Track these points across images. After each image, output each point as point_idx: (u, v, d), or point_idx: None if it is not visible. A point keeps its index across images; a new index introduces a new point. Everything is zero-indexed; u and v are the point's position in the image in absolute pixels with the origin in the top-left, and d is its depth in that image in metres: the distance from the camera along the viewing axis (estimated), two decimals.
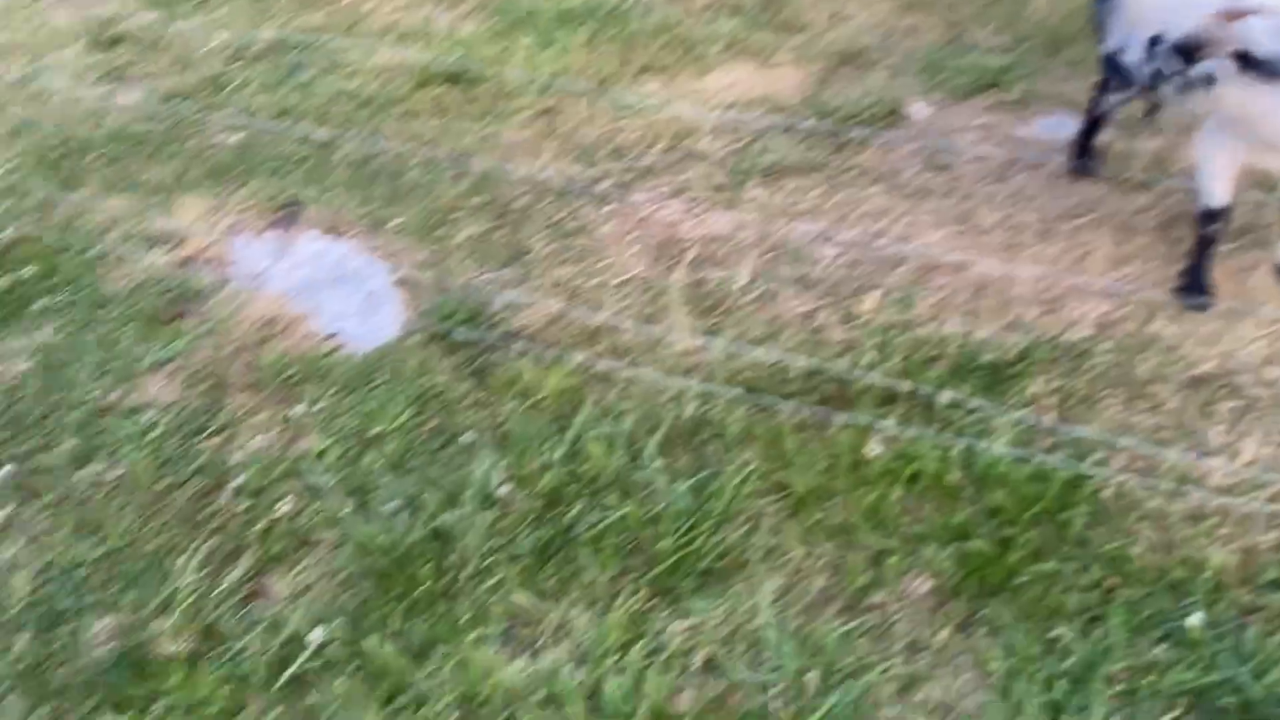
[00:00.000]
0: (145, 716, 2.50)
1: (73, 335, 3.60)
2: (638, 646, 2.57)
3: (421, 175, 4.40)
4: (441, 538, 2.85)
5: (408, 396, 3.31)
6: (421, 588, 2.73)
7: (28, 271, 3.85)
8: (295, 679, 2.55)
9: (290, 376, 3.41)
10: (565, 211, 4.18)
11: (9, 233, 4.04)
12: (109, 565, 2.84)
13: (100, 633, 2.69)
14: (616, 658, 2.54)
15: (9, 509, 2.99)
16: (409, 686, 2.52)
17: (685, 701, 2.46)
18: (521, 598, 2.71)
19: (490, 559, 2.79)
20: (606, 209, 4.18)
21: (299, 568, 2.83)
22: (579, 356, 3.44)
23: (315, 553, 2.86)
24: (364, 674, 2.56)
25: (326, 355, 3.50)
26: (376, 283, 3.83)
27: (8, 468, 3.12)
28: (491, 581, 2.74)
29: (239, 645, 2.63)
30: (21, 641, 2.67)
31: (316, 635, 2.63)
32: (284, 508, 2.97)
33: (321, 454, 3.12)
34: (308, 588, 2.78)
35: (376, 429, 3.20)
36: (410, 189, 4.32)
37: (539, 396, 3.30)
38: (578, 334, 3.56)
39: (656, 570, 2.75)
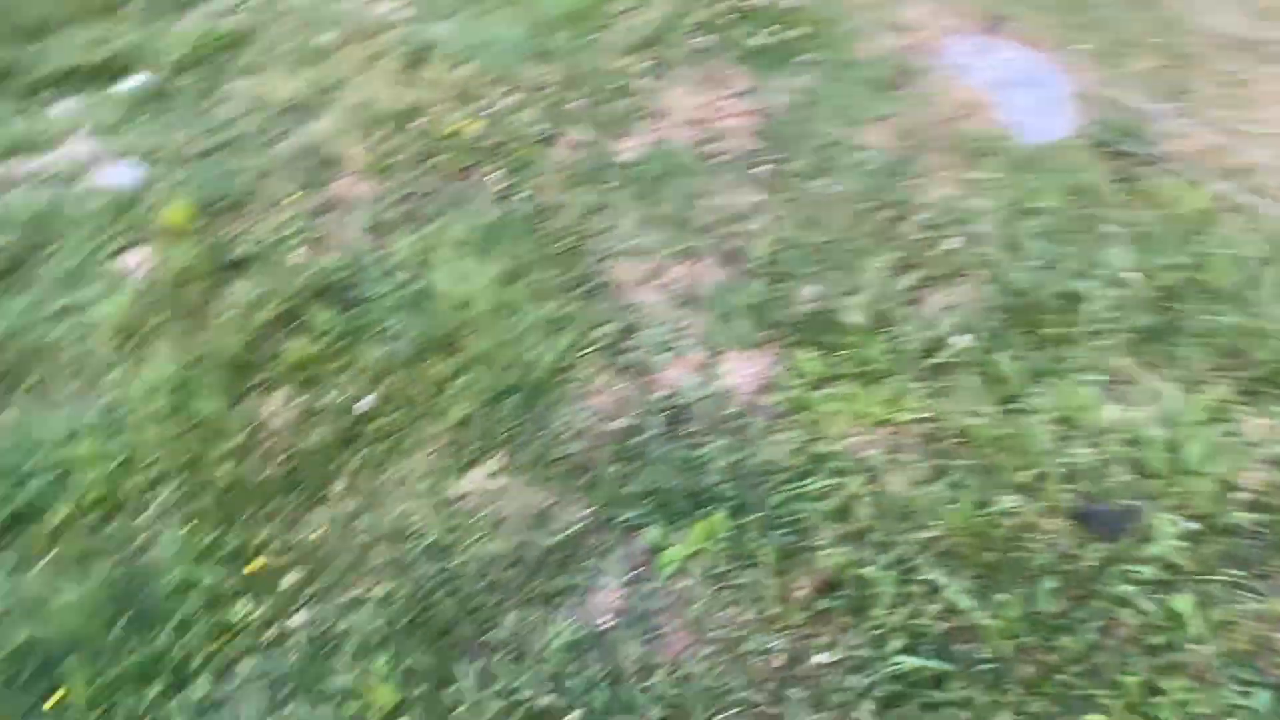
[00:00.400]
0: (829, 358, 2.73)
1: (821, 85, 3.76)
2: (1218, 427, 2.41)
3: (1111, 11, 4.03)
4: (1071, 297, 2.78)
5: (1064, 185, 3.18)
6: (1046, 329, 2.70)
7: (799, 32, 4.03)
8: (936, 366, 2.67)
9: (974, 149, 3.38)
10: (1235, 64, 3.67)
11: (791, 1, 4.23)
12: (820, 251, 3.06)
13: (808, 295, 2.93)
14: (1198, 429, 2.40)
15: (762, 196, 3.28)
16: (1021, 396, 2.54)
17: (1249, 480, 2.30)
18: (1126, 361, 2.61)
19: (1107, 325, 2.70)
20: (1276, 68, 3.61)
21: (953, 289, 2.88)
22: (1220, 185, 3.10)
23: (968, 282, 2.90)
24: (988, 377, 2.61)
25: (1004, 139, 3.41)
26: (1056, 91, 3.63)
27: (765, 168, 3.39)
28: (1104, 342, 2.66)
29: (900, 331, 2.77)
30: (755, 286, 2.98)
31: (958, 340, 2.71)
32: (952, 243, 3.01)
33: (988, 212, 3.10)
34: (957, 305, 2.83)
35: (1034, 203, 3.12)
36: (1100, 21, 3.98)
37: (1176, 211, 3.04)
38: (1223, 168, 3.19)
39: (1249, 374, 2.53)
